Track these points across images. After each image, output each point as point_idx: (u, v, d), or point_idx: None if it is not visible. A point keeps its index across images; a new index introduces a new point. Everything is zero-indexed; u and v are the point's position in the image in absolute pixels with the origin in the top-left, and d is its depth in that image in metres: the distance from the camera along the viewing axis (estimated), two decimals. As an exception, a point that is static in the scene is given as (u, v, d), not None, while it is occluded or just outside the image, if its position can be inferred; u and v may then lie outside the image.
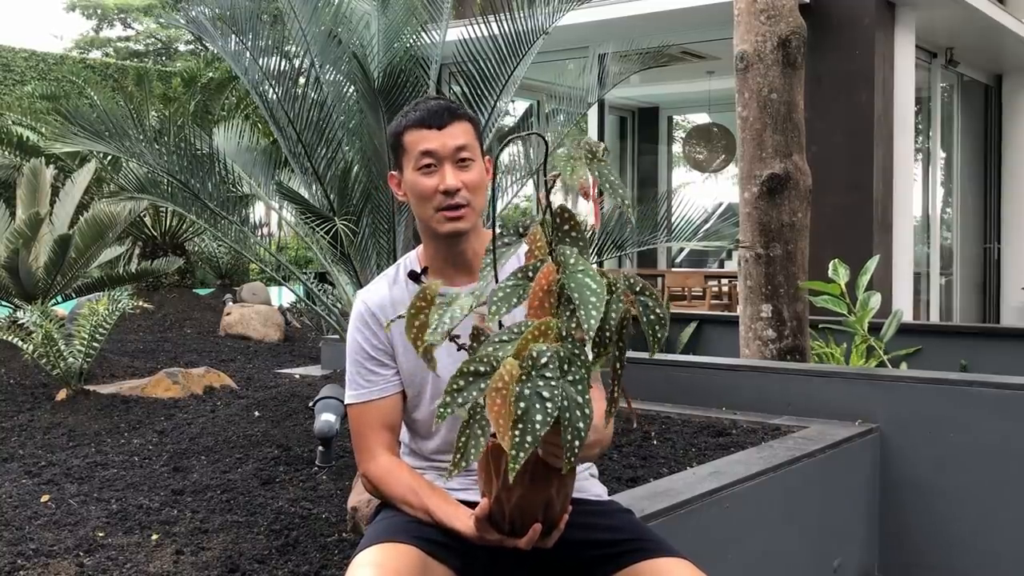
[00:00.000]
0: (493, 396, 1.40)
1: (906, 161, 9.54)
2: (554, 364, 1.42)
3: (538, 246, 1.57)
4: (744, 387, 3.98)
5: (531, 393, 1.40)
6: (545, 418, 1.39)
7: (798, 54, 4.87)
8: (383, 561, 1.74)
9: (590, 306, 1.44)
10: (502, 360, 1.44)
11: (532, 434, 1.38)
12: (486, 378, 1.44)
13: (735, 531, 2.77)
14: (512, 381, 1.40)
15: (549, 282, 1.51)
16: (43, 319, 4.87)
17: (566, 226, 1.59)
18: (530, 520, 1.63)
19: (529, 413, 1.39)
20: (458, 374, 1.45)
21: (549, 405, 1.40)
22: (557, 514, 1.66)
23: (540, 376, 1.41)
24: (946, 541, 3.51)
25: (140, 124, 4.37)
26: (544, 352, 1.43)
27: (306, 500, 3.17)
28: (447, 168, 1.95)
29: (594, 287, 1.46)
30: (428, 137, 1.96)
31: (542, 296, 1.51)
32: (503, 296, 1.52)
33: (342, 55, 4.13)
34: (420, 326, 1.57)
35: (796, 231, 4.83)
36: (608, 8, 9.61)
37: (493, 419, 1.39)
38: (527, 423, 1.39)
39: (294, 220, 4.57)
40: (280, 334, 8.59)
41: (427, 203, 1.97)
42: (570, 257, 1.52)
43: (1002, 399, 3.42)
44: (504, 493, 1.60)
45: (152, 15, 27.32)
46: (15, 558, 2.66)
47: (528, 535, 1.65)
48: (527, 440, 1.38)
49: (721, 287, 11.56)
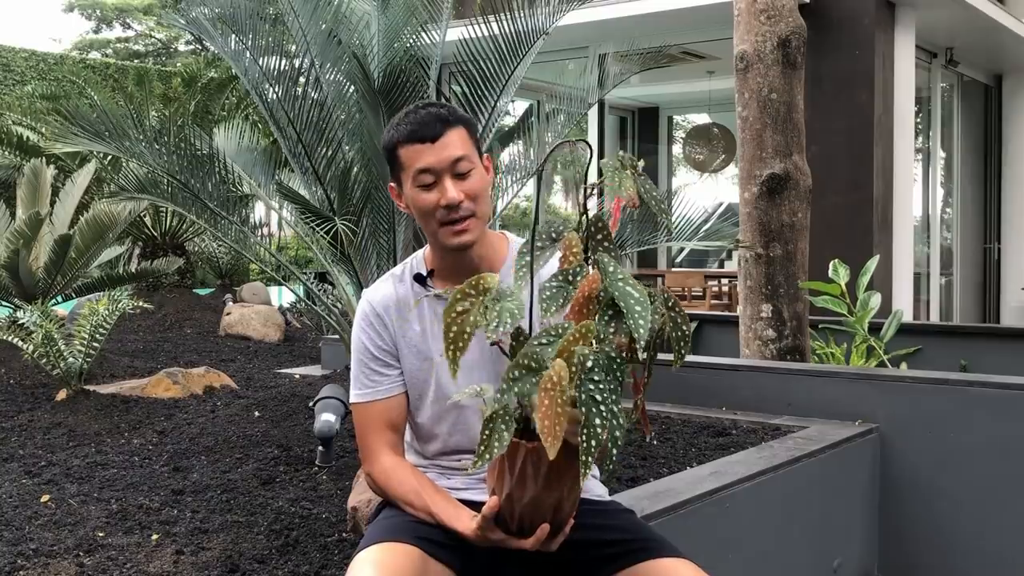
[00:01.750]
0: (542, 396, 1.43)
1: (906, 161, 9.54)
2: (599, 368, 1.47)
3: (574, 252, 1.60)
4: (744, 387, 3.98)
5: (587, 397, 1.45)
6: (603, 421, 1.45)
7: (798, 54, 4.87)
8: (383, 560, 1.74)
9: (637, 315, 1.49)
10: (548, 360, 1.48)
11: (596, 438, 1.44)
12: (537, 374, 1.48)
13: (735, 531, 2.77)
14: (561, 382, 1.44)
15: (592, 289, 1.54)
16: (43, 319, 4.87)
17: (599, 235, 1.62)
18: (539, 520, 1.64)
19: (589, 418, 1.44)
20: (513, 365, 1.50)
21: (603, 408, 1.45)
22: (565, 516, 1.67)
23: (590, 380, 1.46)
24: (946, 541, 3.51)
25: (140, 124, 4.37)
26: (588, 356, 1.47)
27: (306, 500, 3.17)
28: (446, 181, 1.91)
29: (638, 296, 1.51)
30: (423, 152, 1.92)
31: (583, 301, 1.55)
32: (551, 295, 1.56)
33: (342, 55, 4.13)
34: (462, 313, 1.58)
35: (796, 231, 4.83)
36: (608, 8, 9.61)
37: (539, 418, 1.42)
38: (590, 427, 1.44)
39: (294, 220, 4.57)
40: (280, 334, 8.59)
41: (430, 218, 1.94)
42: (609, 265, 1.56)
43: (1002, 399, 3.42)
44: (517, 491, 1.60)
45: (152, 15, 27.33)
46: (15, 558, 2.66)
47: (536, 535, 1.64)
48: (592, 444, 1.43)
49: (721, 287, 11.57)
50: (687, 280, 11.00)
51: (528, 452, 1.58)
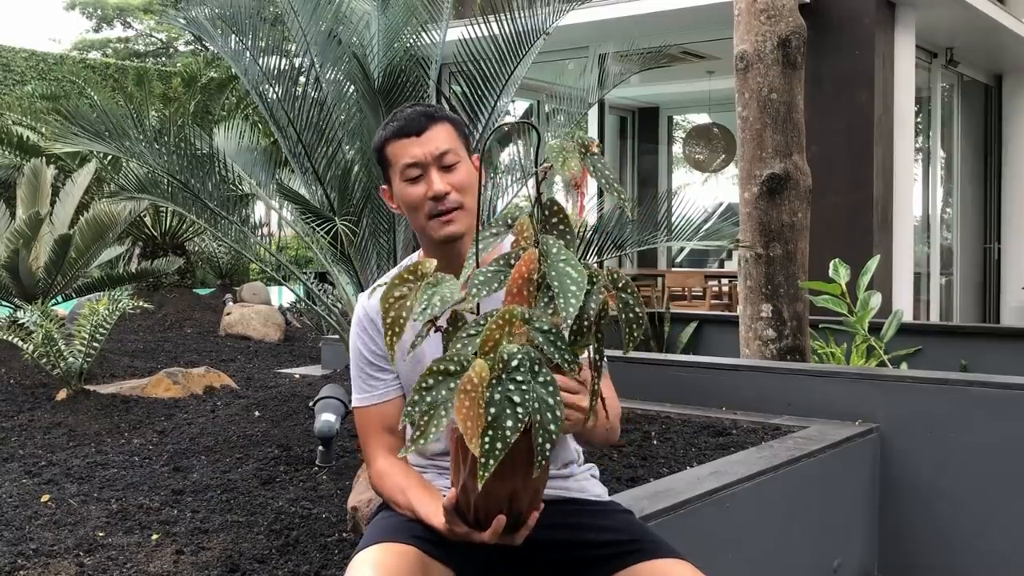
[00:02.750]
0: (462, 398, 1.38)
1: (906, 161, 9.54)
2: (525, 367, 1.40)
3: (524, 236, 1.56)
4: (744, 387, 3.98)
5: (501, 398, 1.37)
6: (516, 423, 1.37)
7: (798, 54, 4.87)
8: (382, 560, 1.74)
9: (569, 295, 1.43)
10: (471, 359, 1.42)
11: (503, 440, 1.36)
12: (455, 378, 1.41)
13: (735, 531, 2.77)
14: (481, 384, 1.38)
15: (529, 270, 1.50)
16: (43, 319, 4.86)
17: (555, 219, 1.59)
18: (494, 512, 1.59)
19: (500, 419, 1.37)
20: (427, 373, 1.43)
21: (520, 410, 1.38)
22: (524, 509, 1.62)
23: (511, 380, 1.39)
24: (946, 541, 3.51)
25: (140, 124, 4.37)
26: (515, 354, 1.41)
27: (306, 500, 3.17)
28: (433, 174, 1.94)
29: (575, 276, 1.45)
30: (409, 146, 1.95)
31: (521, 283, 1.49)
32: (484, 280, 1.51)
33: (342, 55, 4.13)
34: (400, 298, 1.55)
35: (796, 231, 4.83)
36: (608, 8, 9.61)
37: (460, 421, 1.37)
38: (498, 429, 1.37)
39: (294, 220, 4.57)
40: (280, 334, 8.59)
41: (419, 212, 1.97)
42: (553, 246, 1.51)
43: (1002, 399, 3.42)
44: (470, 482, 1.56)
45: (152, 15, 27.33)
46: (15, 558, 2.66)
47: (492, 528, 1.60)
48: (497, 446, 1.36)
49: (721, 287, 11.57)
50: (687, 280, 11.00)
51: None
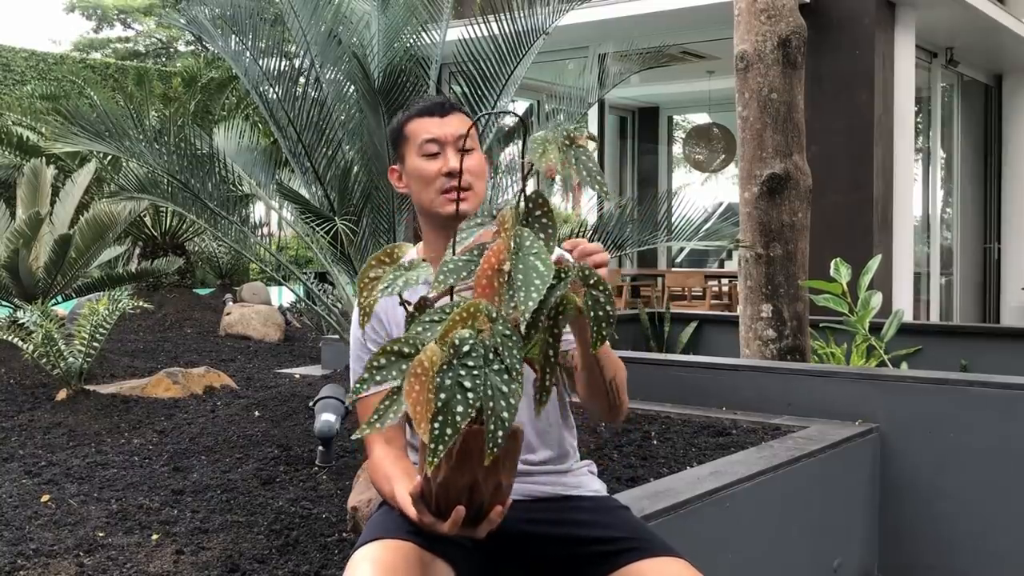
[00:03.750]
0: (412, 382, 1.35)
1: (906, 161, 9.54)
2: (478, 352, 1.37)
3: (505, 228, 1.53)
4: (744, 387, 3.98)
5: (452, 383, 1.35)
6: (466, 409, 1.34)
7: (798, 54, 4.87)
8: (381, 557, 1.74)
9: (532, 289, 1.40)
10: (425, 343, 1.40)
11: (452, 426, 1.34)
12: (408, 359, 1.39)
13: (735, 531, 2.77)
14: (432, 368, 1.35)
15: (499, 260, 1.46)
16: (43, 319, 4.86)
17: (538, 212, 1.57)
18: (454, 503, 1.56)
19: (450, 404, 1.34)
20: (380, 352, 1.41)
21: (471, 396, 1.34)
22: (485, 501, 1.57)
23: (462, 365, 1.36)
24: (946, 541, 3.51)
25: (140, 124, 4.37)
26: (467, 340, 1.38)
27: (306, 500, 3.17)
28: (450, 152, 2.00)
29: (542, 270, 1.42)
30: (431, 124, 2.02)
31: (491, 275, 1.46)
32: (453, 268, 1.50)
33: (342, 55, 4.13)
34: (374, 279, 1.56)
35: (796, 231, 4.83)
36: (608, 8, 9.61)
37: (410, 405, 1.35)
38: (447, 415, 1.34)
39: (294, 220, 4.57)
40: (280, 334, 8.59)
41: (430, 187, 2.01)
42: (527, 239, 1.48)
43: (1002, 399, 3.42)
44: (431, 471, 1.54)
45: (152, 15, 27.33)
46: (15, 558, 2.66)
47: (451, 519, 1.56)
48: (447, 432, 1.34)
49: (721, 287, 11.57)
50: (687, 280, 11.00)
51: None
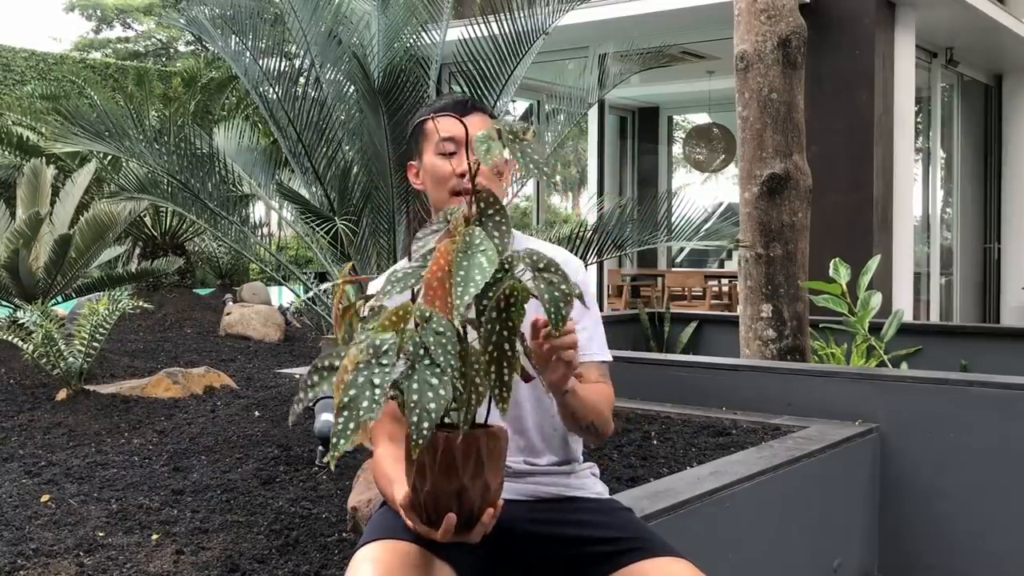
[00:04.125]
0: (337, 387, 1.38)
1: (906, 161, 9.54)
2: (393, 351, 1.39)
3: (458, 231, 1.53)
4: (744, 387, 3.98)
5: (364, 381, 1.38)
6: (371, 404, 1.36)
7: (798, 54, 4.87)
8: (382, 557, 1.73)
9: (470, 284, 1.41)
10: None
11: (355, 420, 1.36)
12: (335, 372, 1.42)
13: (735, 531, 2.77)
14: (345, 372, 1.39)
15: (448, 262, 1.46)
16: (43, 319, 4.86)
17: (490, 210, 1.57)
18: (443, 510, 1.55)
19: (356, 400, 1.37)
20: (312, 369, 1.44)
21: (378, 391, 1.37)
22: (476, 506, 1.57)
23: (377, 364, 1.39)
24: (946, 541, 3.51)
25: (140, 124, 4.37)
26: (387, 340, 1.40)
27: (306, 500, 3.17)
28: (464, 153, 2.00)
29: (485, 266, 1.43)
30: (450, 123, 2.02)
31: (440, 276, 1.46)
32: (400, 277, 1.50)
33: (342, 55, 4.13)
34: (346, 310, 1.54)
35: (796, 231, 4.83)
36: (608, 8, 9.61)
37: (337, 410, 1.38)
38: (352, 409, 1.36)
39: (294, 220, 4.57)
40: (280, 334, 8.59)
41: (443, 186, 2.03)
42: (476, 237, 1.48)
43: (1002, 399, 3.42)
44: (418, 481, 1.54)
45: (152, 15, 27.32)
46: (15, 558, 2.66)
47: (443, 527, 1.56)
48: (350, 426, 1.36)
49: (721, 287, 11.57)
50: (687, 280, 11.00)
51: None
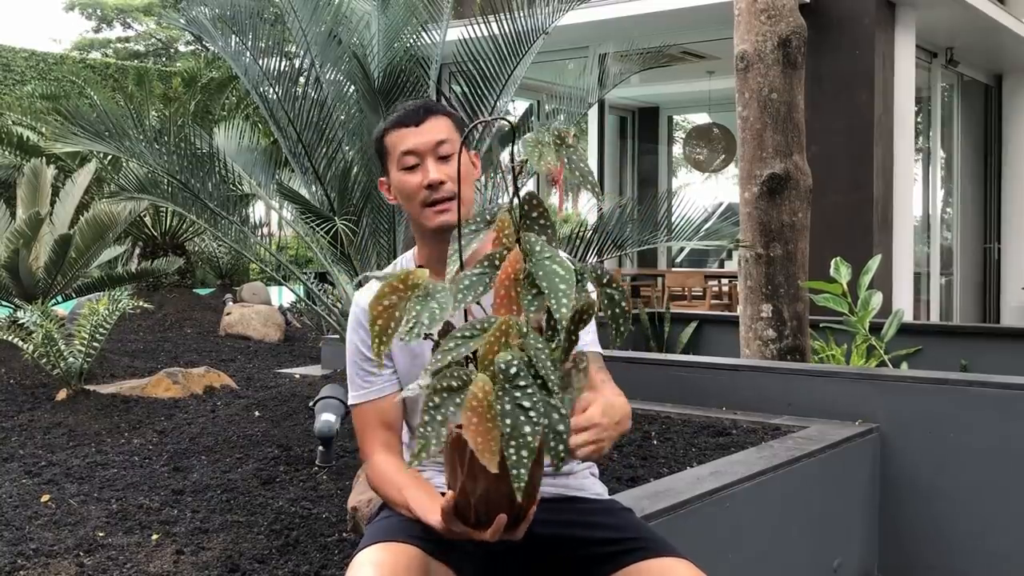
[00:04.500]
0: (469, 415, 1.37)
1: (906, 161, 9.54)
2: (524, 372, 1.39)
3: (505, 234, 1.53)
4: (744, 387, 3.98)
5: (513, 407, 1.37)
6: (533, 428, 1.37)
7: (798, 54, 4.87)
8: (383, 560, 1.73)
9: (560, 294, 1.41)
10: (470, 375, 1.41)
11: (527, 448, 1.37)
12: (460, 393, 1.40)
13: (735, 531, 2.77)
14: (487, 398, 1.37)
15: (516, 270, 1.47)
16: (43, 319, 4.86)
17: (534, 213, 1.56)
18: (495, 512, 1.59)
19: (518, 428, 1.37)
20: (432, 391, 1.41)
21: (533, 414, 1.38)
22: (525, 505, 1.61)
23: (515, 387, 1.38)
24: (946, 541, 3.51)
25: (140, 124, 4.37)
26: (512, 362, 1.40)
27: (306, 500, 3.17)
28: (429, 163, 1.98)
29: (563, 274, 1.44)
30: (407, 135, 2.00)
31: (508, 284, 1.48)
32: (469, 284, 1.49)
33: (342, 55, 4.13)
34: (388, 307, 1.50)
35: (796, 231, 4.83)
36: (608, 8, 9.61)
37: (471, 438, 1.37)
38: (519, 438, 1.36)
39: (294, 220, 4.57)
40: (280, 334, 8.58)
41: (414, 200, 2.00)
42: (536, 244, 1.49)
43: (1002, 399, 3.42)
44: (468, 484, 1.56)
45: (152, 15, 27.33)
46: (15, 558, 2.66)
47: (493, 527, 1.60)
48: (523, 455, 1.36)
49: (721, 287, 11.56)
50: (687, 280, 11.00)
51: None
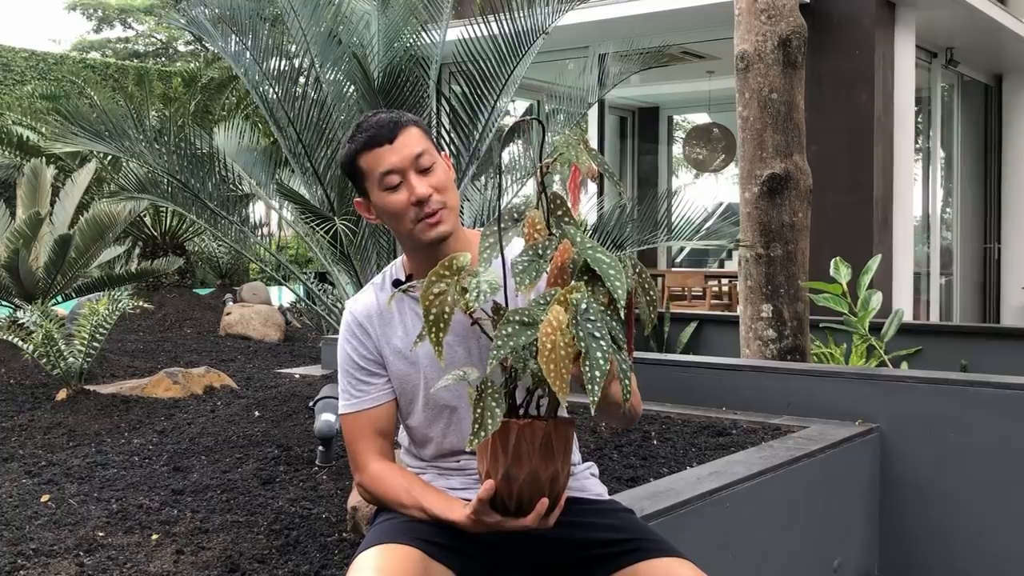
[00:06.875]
0: (543, 341, 1.49)
1: (906, 161, 9.54)
2: (594, 309, 1.53)
3: (537, 229, 1.67)
4: (744, 387, 3.98)
5: (586, 334, 1.51)
6: (603, 355, 1.50)
7: (798, 54, 4.87)
8: (384, 563, 1.73)
9: (612, 277, 1.56)
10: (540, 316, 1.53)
11: (599, 368, 1.49)
12: (532, 327, 1.53)
13: (735, 531, 2.77)
14: (560, 326, 1.50)
15: (565, 259, 1.62)
16: (43, 319, 4.87)
17: (559, 211, 1.69)
18: (538, 495, 1.67)
19: (591, 350, 1.50)
20: (505, 322, 1.54)
21: (603, 343, 1.51)
22: (561, 489, 1.71)
23: (587, 320, 1.52)
24: (946, 541, 3.51)
25: (140, 124, 4.37)
26: (582, 299, 1.54)
27: (306, 500, 3.17)
28: (412, 178, 1.91)
29: (609, 261, 1.58)
30: (384, 155, 1.91)
31: (557, 272, 1.62)
32: (523, 269, 1.61)
33: (342, 55, 4.13)
34: (439, 294, 1.61)
35: (796, 231, 4.83)
36: (608, 8, 9.61)
37: (543, 364, 1.48)
38: (591, 359, 1.49)
39: (294, 220, 4.57)
40: (280, 334, 8.59)
41: (403, 218, 1.93)
42: (577, 235, 1.62)
43: (1002, 399, 3.42)
44: (514, 469, 1.63)
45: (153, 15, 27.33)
46: (15, 558, 2.66)
47: (536, 511, 1.67)
48: (596, 375, 1.49)
49: (721, 287, 11.56)
50: (687, 280, 10.99)
51: (521, 429, 1.62)
